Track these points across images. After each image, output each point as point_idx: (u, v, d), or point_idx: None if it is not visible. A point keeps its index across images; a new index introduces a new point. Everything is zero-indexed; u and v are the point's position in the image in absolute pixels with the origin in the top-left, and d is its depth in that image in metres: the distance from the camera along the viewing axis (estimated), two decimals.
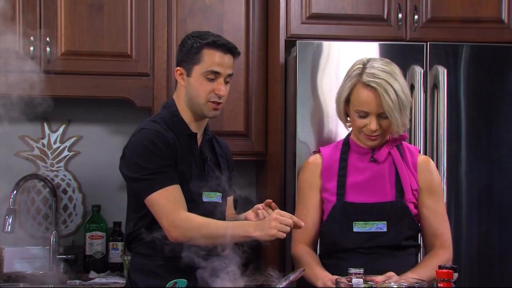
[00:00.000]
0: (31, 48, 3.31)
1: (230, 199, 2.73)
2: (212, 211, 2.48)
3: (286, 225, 2.26)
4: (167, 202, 2.38)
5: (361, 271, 2.17)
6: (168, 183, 2.39)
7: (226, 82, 2.53)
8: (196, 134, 2.54)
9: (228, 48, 2.52)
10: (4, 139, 3.54)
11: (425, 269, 2.38)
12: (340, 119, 2.54)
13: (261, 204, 2.46)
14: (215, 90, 2.49)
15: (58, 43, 3.34)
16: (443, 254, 2.48)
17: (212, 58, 2.48)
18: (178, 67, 2.54)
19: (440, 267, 2.16)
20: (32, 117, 3.49)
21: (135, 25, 3.40)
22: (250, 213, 2.50)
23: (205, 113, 2.53)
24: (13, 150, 3.62)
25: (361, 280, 2.14)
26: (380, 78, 2.38)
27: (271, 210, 2.43)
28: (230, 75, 2.53)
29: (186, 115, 2.54)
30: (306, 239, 2.52)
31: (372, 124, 2.40)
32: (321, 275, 2.37)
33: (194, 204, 2.46)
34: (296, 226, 2.28)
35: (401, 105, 2.38)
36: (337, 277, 2.25)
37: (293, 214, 2.57)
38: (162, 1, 3.43)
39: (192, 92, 2.51)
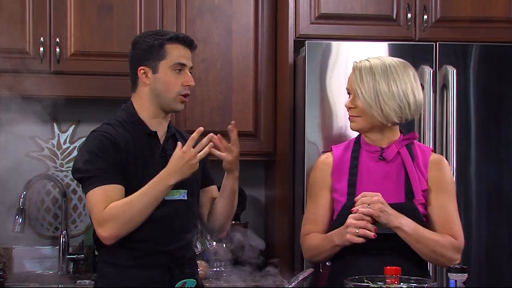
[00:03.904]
0: (41, 49, 3.32)
1: (210, 189, 2.68)
2: (176, 209, 2.45)
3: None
4: (97, 201, 2.37)
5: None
6: (106, 182, 2.37)
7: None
8: (155, 132, 2.53)
9: (189, 42, 2.55)
10: (14, 139, 3.56)
11: (430, 232, 2.42)
12: None
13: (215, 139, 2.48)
14: (183, 82, 2.51)
15: (68, 43, 3.35)
16: (449, 237, 2.44)
17: (178, 52, 2.51)
18: (142, 67, 2.52)
19: (449, 269, 2.16)
20: (42, 118, 3.51)
21: (144, 26, 3.40)
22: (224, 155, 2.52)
23: (174, 107, 2.53)
24: (23, 151, 3.63)
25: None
26: (367, 61, 2.47)
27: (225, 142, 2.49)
28: (191, 68, 2.57)
29: (145, 114, 2.53)
30: None
31: (347, 100, 2.50)
32: (334, 232, 2.42)
33: None
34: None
35: (378, 90, 2.42)
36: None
37: (303, 213, 2.58)
38: (171, 2, 3.44)
39: (161, 87, 2.50)
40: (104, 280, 2.49)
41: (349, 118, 2.52)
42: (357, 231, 2.32)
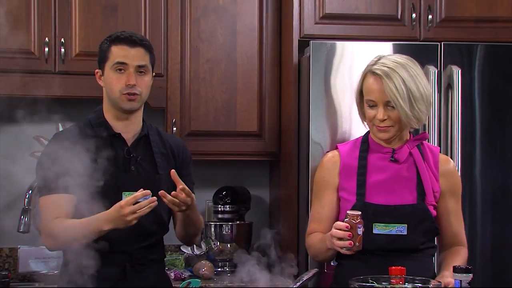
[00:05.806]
0: (46, 49, 3.33)
1: None
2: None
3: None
4: (46, 212, 2.43)
5: (359, 213, 2.26)
6: (56, 192, 2.40)
7: (140, 73, 2.53)
8: (119, 134, 2.55)
9: (132, 41, 2.54)
10: (19, 139, 3.56)
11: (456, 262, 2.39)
12: (360, 117, 2.51)
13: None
14: (125, 82, 2.52)
15: (73, 44, 3.36)
16: (464, 252, 2.48)
17: (118, 52, 2.52)
18: (96, 70, 2.60)
19: (455, 269, 2.16)
20: (46, 118, 3.51)
21: (149, 26, 3.41)
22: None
23: (122, 106, 2.54)
24: (28, 151, 3.63)
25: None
26: (387, 67, 2.36)
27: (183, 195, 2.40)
28: (141, 66, 2.54)
29: (109, 115, 2.57)
30: None
31: (379, 113, 2.38)
32: (326, 235, 2.40)
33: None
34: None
35: (411, 96, 2.34)
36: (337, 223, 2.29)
37: (308, 213, 2.57)
38: (176, 2, 3.45)
39: (107, 88, 2.56)
40: (65, 276, 2.46)
41: (378, 129, 2.41)
42: (334, 241, 2.30)
